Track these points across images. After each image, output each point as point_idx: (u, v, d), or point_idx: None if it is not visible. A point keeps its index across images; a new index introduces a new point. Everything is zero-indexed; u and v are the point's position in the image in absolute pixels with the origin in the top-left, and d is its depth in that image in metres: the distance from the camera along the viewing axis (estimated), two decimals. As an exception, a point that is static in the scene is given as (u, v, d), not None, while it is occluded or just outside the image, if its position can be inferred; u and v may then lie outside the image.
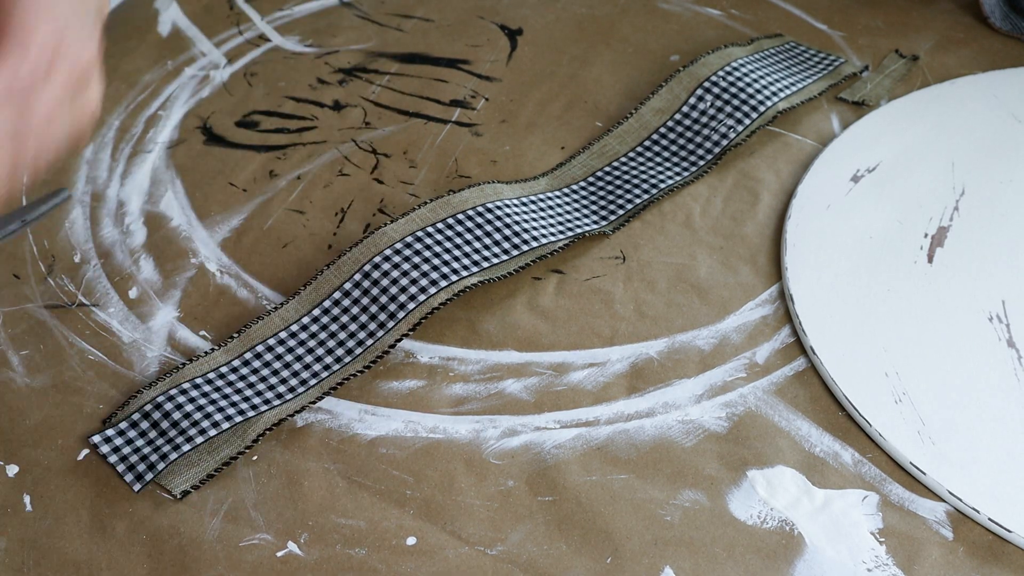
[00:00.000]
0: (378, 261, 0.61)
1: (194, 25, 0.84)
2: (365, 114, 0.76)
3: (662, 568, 0.51)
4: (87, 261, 0.65)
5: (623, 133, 0.73)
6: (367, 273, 0.61)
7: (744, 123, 0.72)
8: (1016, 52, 0.82)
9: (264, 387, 0.58)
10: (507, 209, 0.65)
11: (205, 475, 0.54)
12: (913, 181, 0.70)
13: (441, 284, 0.60)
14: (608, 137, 0.72)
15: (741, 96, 0.73)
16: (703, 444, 0.56)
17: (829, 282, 0.64)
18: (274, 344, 0.59)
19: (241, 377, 0.58)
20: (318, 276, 0.62)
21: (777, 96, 0.74)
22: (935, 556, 0.51)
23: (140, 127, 0.75)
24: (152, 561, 0.51)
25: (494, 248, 0.63)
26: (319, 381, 0.58)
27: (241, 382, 0.58)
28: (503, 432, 0.56)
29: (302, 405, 0.57)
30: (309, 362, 0.59)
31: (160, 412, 0.55)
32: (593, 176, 0.70)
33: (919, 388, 0.58)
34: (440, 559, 0.51)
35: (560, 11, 0.85)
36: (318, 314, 0.60)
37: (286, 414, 0.56)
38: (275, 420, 0.56)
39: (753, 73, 0.75)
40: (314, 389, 0.58)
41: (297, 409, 0.56)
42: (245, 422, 0.55)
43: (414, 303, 0.59)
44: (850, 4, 0.86)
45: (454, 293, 0.60)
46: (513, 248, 0.63)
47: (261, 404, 0.56)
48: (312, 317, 0.60)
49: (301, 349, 0.59)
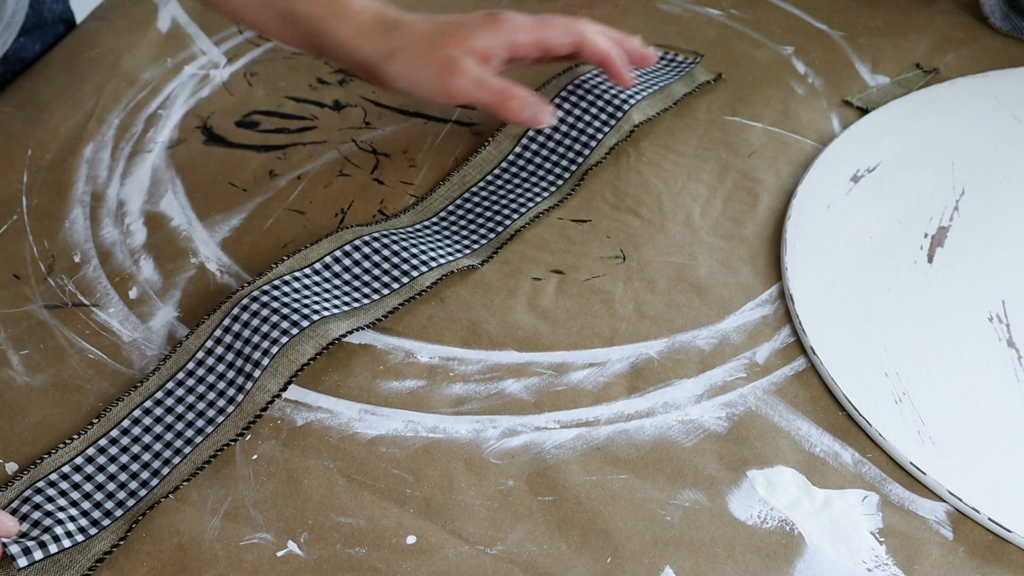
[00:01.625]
0: (236, 313, 0.58)
1: (193, 22, 0.84)
2: (365, 114, 0.76)
3: (662, 568, 0.51)
4: (87, 261, 0.65)
5: (480, 162, 0.71)
6: (227, 327, 0.58)
7: (597, 138, 0.71)
8: (1016, 52, 0.82)
9: (126, 476, 0.54)
10: (367, 249, 0.63)
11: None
12: (913, 181, 0.70)
13: (303, 324, 0.57)
14: (466, 167, 0.71)
15: (595, 107, 0.72)
16: (703, 444, 0.56)
17: (829, 282, 0.64)
18: (140, 415, 0.56)
19: (100, 467, 0.54)
20: (177, 347, 0.59)
21: (628, 104, 0.72)
22: (935, 556, 0.51)
23: (140, 126, 0.74)
24: (152, 560, 0.50)
25: (354, 293, 0.61)
26: (193, 448, 0.55)
27: (100, 474, 0.54)
28: (503, 432, 0.56)
29: (174, 485, 0.53)
30: (169, 440, 0.55)
31: (29, 505, 0.52)
32: (453, 205, 0.69)
33: (919, 388, 0.58)
34: (440, 558, 0.51)
35: (560, 11, 0.85)
36: (182, 376, 0.57)
37: (159, 497, 0.53)
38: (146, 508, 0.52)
39: (604, 83, 0.74)
40: (187, 463, 0.54)
41: (169, 490, 0.53)
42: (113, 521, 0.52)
43: (277, 346, 0.57)
44: (850, 4, 0.86)
45: (322, 347, 0.57)
46: (374, 292, 0.62)
47: (127, 497, 0.53)
48: (176, 382, 0.57)
49: (169, 417, 0.56)
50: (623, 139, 0.72)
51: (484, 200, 0.69)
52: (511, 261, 0.65)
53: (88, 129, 0.74)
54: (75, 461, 0.54)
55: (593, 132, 0.71)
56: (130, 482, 0.53)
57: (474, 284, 0.64)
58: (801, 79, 0.79)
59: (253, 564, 0.50)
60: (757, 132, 0.75)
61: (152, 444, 0.55)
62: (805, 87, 0.79)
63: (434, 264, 0.64)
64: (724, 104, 0.77)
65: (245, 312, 0.58)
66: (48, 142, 0.73)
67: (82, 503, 0.52)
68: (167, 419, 0.56)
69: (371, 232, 0.65)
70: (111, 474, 0.54)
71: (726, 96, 0.78)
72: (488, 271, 0.65)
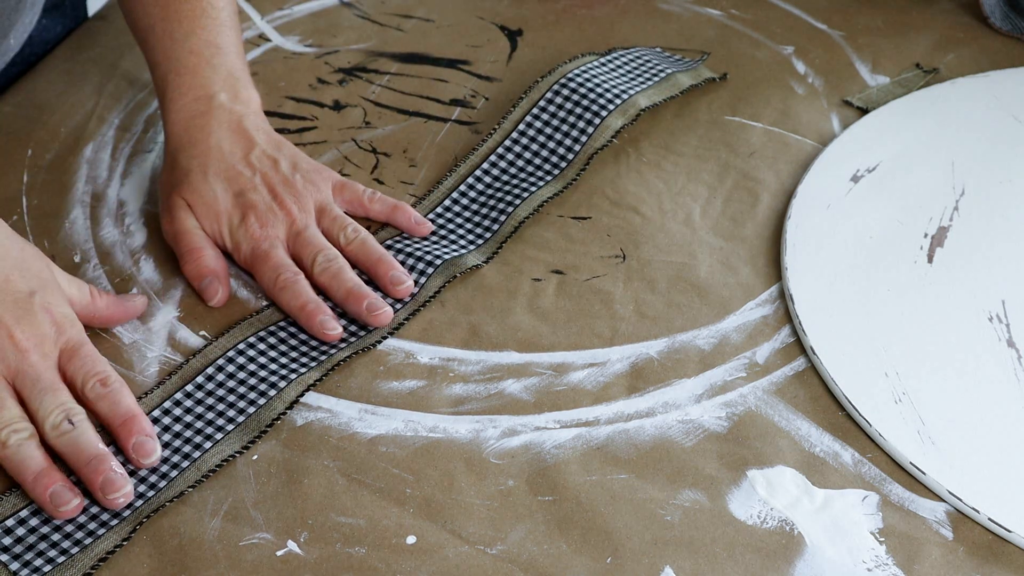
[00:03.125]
0: (243, 347, 0.59)
1: (194, 24, 0.84)
2: (365, 114, 0.76)
3: (662, 568, 0.51)
4: (87, 261, 0.65)
5: (482, 152, 0.71)
6: (252, 344, 0.59)
7: (601, 115, 0.70)
8: (1016, 52, 0.82)
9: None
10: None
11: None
12: (913, 181, 0.70)
13: (311, 365, 0.58)
14: (465, 163, 0.70)
15: (592, 95, 0.72)
16: (703, 444, 0.56)
17: (829, 282, 0.63)
18: (158, 415, 0.56)
19: None
20: (181, 368, 0.59)
21: (629, 92, 0.72)
22: (935, 556, 0.51)
23: (140, 126, 0.74)
24: (152, 561, 0.50)
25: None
26: (191, 462, 0.54)
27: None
28: (503, 432, 0.56)
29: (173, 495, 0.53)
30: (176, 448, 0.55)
31: (39, 518, 0.51)
32: (457, 193, 0.68)
33: (919, 388, 0.58)
34: (440, 558, 0.51)
35: (560, 11, 0.85)
36: (192, 389, 0.57)
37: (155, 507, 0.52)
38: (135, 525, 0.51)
39: (604, 75, 0.74)
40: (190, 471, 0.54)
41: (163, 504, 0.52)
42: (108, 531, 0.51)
43: (285, 382, 0.57)
44: (850, 4, 0.86)
45: (328, 369, 0.58)
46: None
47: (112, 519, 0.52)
48: (185, 393, 0.57)
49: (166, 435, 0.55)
50: (629, 122, 0.71)
51: (487, 188, 0.69)
52: (511, 262, 0.65)
53: (88, 129, 0.74)
54: None
55: (595, 112, 0.71)
56: (138, 485, 0.53)
57: (474, 287, 0.64)
58: (801, 79, 0.79)
59: (253, 564, 0.50)
60: (757, 132, 0.75)
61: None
62: (805, 87, 0.79)
63: (439, 263, 0.64)
64: (724, 104, 0.77)
65: (272, 337, 0.60)
66: (48, 142, 0.73)
67: (91, 506, 0.52)
68: (175, 428, 0.56)
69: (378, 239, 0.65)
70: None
71: (726, 96, 0.78)
72: (488, 273, 0.65)
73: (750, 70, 0.80)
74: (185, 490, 0.53)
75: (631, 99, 0.72)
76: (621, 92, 0.72)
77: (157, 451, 0.53)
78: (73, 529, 0.51)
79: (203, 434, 0.55)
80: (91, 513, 0.52)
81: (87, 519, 0.51)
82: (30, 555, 0.50)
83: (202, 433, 0.55)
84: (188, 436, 0.55)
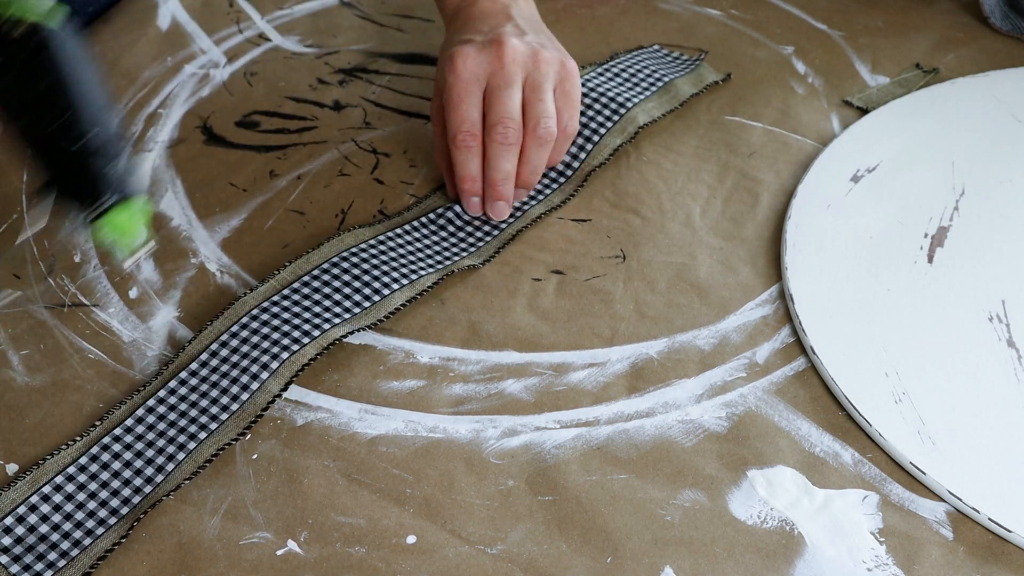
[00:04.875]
0: (246, 321, 0.59)
1: (193, 20, 0.84)
2: (365, 114, 0.76)
3: (662, 568, 0.51)
4: (87, 261, 0.65)
5: None
6: (235, 332, 0.59)
7: (600, 132, 0.71)
8: (1016, 52, 0.82)
9: (131, 473, 0.54)
10: (372, 251, 0.63)
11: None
12: (913, 181, 0.70)
13: (315, 334, 0.58)
14: None
15: (591, 111, 0.72)
16: (703, 444, 0.56)
17: (829, 282, 0.64)
18: (143, 414, 0.56)
19: (103, 465, 0.54)
20: (184, 348, 0.59)
21: (630, 103, 0.72)
22: (935, 556, 0.51)
23: (140, 125, 0.74)
24: (152, 560, 0.50)
25: (355, 296, 0.61)
26: (197, 444, 0.55)
27: (111, 467, 0.54)
28: (503, 432, 0.56)
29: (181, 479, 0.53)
30: (180, 429, 0.55)
31: (36, 515, 0.52)
32: (457, 204, 0.68)
33: (919, 388, 0.58)
34: (440, 558, 0.51)
35: (560, 11, 0.85)
36: (186, 376, 0.57)
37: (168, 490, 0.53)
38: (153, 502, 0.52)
39: (603, 85, 0.74)
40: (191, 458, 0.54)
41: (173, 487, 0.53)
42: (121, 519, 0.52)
43: (287, 352, 0.57)
44: (850, 4, 0.86)
45: (323, 347, 0.58)
46: (375, 293, 0.61)
47: (133, 495, 0.53)
48: (179, 381, 0.57)
49: (172, 415, 0.56)
50: (627, 140, 0.72)
51: None
52: (511, 262, 0.65)
53: (88, 129, 0.74)
54: (79, 461, 0.54)
55: (593, 130, 0.71)
56: (135, 479, 0.53)
57: (474, 285, 0.64)
58: (801, 79, 0.79)
59: (253, 563, 0.50)
60: (757, 132, 0.75)
61: (155, 440, 0.55)
62: (805, 87, 0.79)
63: (436, 264, 0.64)
64: (724, 104, 0.77)
65: (255, 321, 0.59)
66: (48, 142, 0.73)
67: (88, 504, 0.52)
68: (170, 416, 0.56)
69: (374, 235, 0.65)
70: (115, 471, 0.53)
71: (726, 96, 0.78)
72: (488, 272, 0.65)
73: (750, 70, 0.80)
74: (182, 483, 0.53)
75: (629, 115, 0.72)
76: (619, 107, 0.72)
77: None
78: (72, 528, 0.51)
79: (198, 423, 0.55)
80: (89, 510, 0.52)
81: (85, 516, 0.51)
82: (29, 558, 0.50)
83: (197, 422, 0.55)
84: (183, 426, 0.55)
